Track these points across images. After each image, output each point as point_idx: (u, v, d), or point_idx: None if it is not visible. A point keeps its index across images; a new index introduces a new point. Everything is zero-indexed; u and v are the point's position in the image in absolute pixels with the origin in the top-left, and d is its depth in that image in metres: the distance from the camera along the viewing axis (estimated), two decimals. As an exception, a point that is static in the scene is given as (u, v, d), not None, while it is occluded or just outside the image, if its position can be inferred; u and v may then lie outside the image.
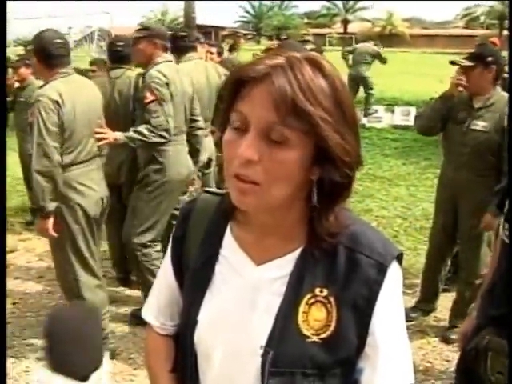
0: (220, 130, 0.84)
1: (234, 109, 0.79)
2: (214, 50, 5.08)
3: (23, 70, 5.10)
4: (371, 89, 10.17)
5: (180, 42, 3.91)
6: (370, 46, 10.31)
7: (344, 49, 10.86)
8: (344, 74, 7.89)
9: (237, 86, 0.79)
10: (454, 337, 3.07)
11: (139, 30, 3.25)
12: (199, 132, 3.59)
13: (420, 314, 3.45)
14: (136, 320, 3.25)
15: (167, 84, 3.16)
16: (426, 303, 3.48)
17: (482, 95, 3.04)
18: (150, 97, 3.10)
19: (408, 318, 3.10)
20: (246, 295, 0.88)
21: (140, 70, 3.47)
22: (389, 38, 38.51)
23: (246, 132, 0.77)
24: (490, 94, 3.04)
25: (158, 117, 3.10)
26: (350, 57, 9.99)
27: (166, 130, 3.13)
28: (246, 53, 7.89)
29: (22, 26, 23.51)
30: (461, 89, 3.09)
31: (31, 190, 2.75)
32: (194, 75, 3.69)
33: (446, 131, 3.21)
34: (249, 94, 0.77)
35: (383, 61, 10.17)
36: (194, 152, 3.54)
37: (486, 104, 3.03)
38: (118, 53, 3.59)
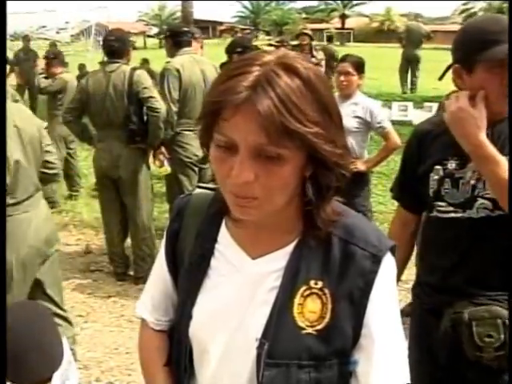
0: (204, 145, 0.83)
1: (217, 130, 0.77)
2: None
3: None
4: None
5: (181, 36, 3.89)
6: (419, 25, 10.26)
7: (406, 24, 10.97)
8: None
9: (217, 109, 0.76)
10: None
11: None
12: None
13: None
14: None
15: None
16: None
17: None
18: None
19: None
20: (243, 289, 0.88)
21: (134, 65, 3.45)
22: (387, 33, 38.42)
23: (234, 151, 0.76)
24: None
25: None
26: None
27: None
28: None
29: (19, 21, 23.38)
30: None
31: None
32: (186, 69, 3.71)
33: None
34: (232, 118, 0.74)
35: (430, 38, 10.52)
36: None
37: None
38: (113, 47, 3.59)
